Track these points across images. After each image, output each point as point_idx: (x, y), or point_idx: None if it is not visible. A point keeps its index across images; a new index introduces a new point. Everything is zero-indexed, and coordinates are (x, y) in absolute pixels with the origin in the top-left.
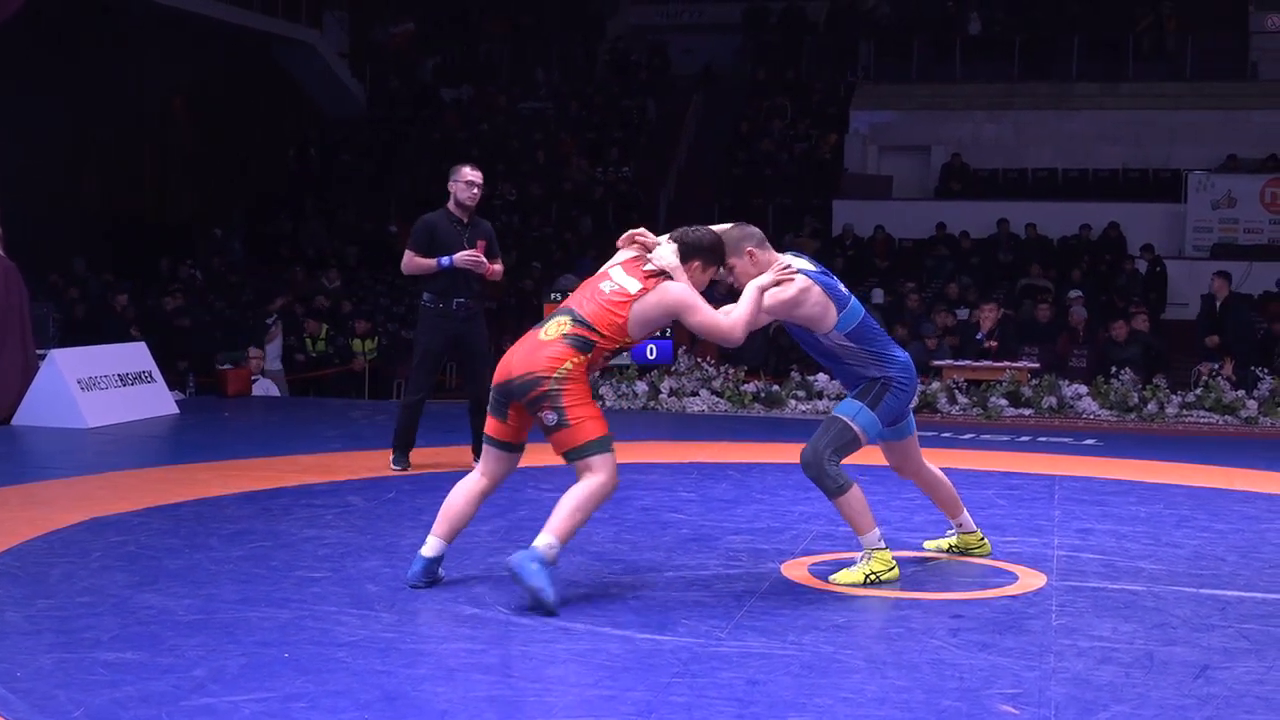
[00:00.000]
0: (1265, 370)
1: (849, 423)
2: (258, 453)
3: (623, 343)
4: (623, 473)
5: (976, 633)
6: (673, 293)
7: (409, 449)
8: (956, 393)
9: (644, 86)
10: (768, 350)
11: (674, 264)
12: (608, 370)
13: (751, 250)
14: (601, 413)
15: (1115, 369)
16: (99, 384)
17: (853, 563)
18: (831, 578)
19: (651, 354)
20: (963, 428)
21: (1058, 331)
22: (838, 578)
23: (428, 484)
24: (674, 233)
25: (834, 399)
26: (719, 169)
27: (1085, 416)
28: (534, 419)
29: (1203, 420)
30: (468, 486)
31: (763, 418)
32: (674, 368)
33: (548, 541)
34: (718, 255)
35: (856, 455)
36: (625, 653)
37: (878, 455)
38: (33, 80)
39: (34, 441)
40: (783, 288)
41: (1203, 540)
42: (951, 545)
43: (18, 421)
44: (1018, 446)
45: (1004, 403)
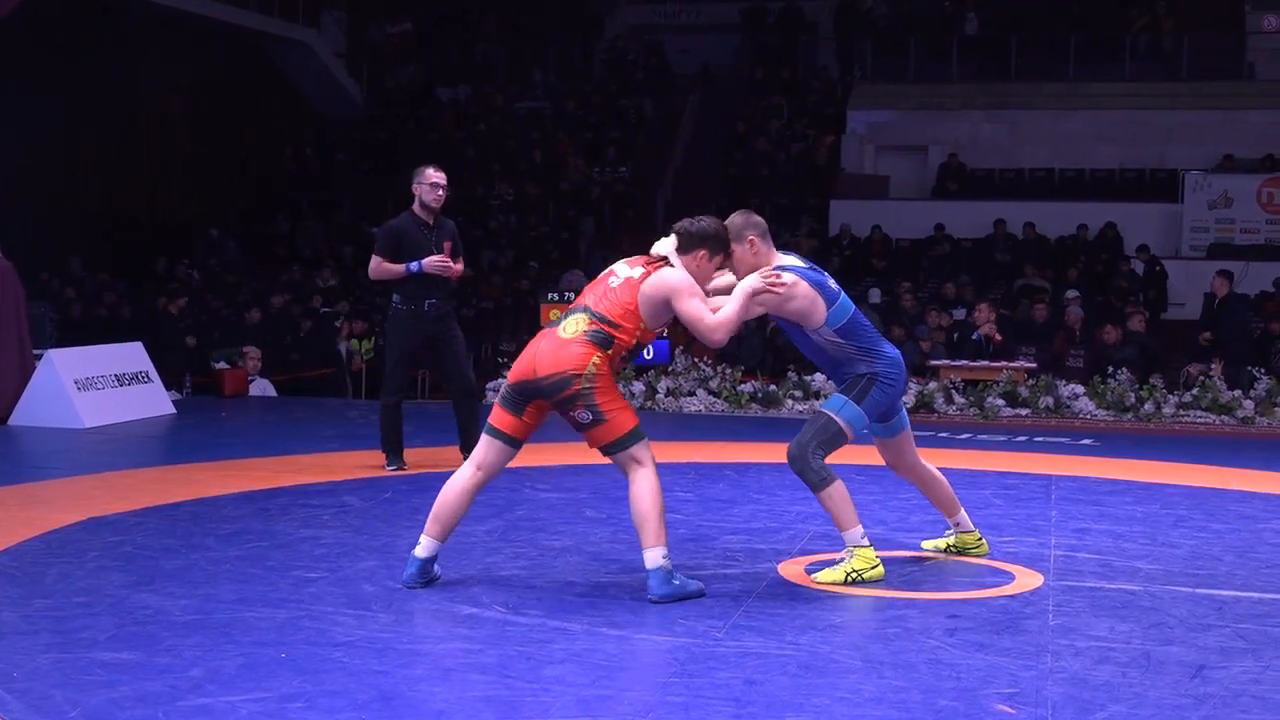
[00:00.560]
0: (1262, 370)
1: (833, 417)
2: (254, 453)
3: (639, 333)
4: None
5: (973, 632)
6: (669, 276)
7: (400, 449)
8: (953, 393)
9: (641, 86)
10: (764, 350)
11: (671, 251)
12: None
13: (753, 239)
14: (628, 401)
15: (1112, 369)
16: (95, 384)
17: (837, 562)
18: (813, 576)
19: (648, 354)
20: (960, 428)
21: (1054, 331)
22: (819, 576)
23: (424, 484)
24: (678, 224)
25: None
26: (716, 169)
27: (1082, 416)
28: (565, 417)
29: (1199, 420)
30: (461, 482)
31: (760, 418)
32: (671, 368)
33: (655, 557)
34: (722, 243)
35: (855, 456)
36: (622, 653)
37: (876, 455)
38: (30, 80)
39: (31, 441)
40: (775, 272)
41: (1199, 540)
42: (949, 545)
43: (14, 421)
44: (1015, 446)
45: (1001, 403)
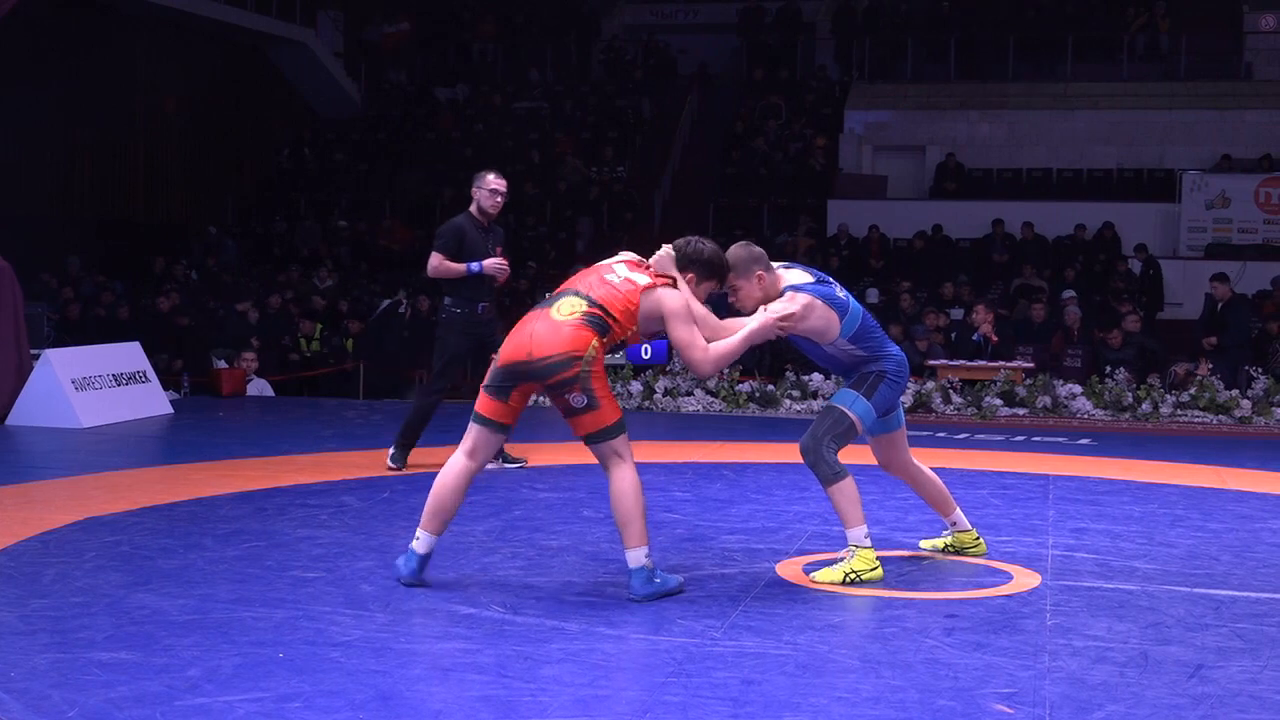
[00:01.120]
0: (1259, 370)
1: (846, 411)
2: (252, 453)
3: (628, 334)
4: None
5: (971, 632)
6: (670, 298)
7: (410, 449)
8: (951, 392)
9: (639, 86)
10: (763, 350)
11: (674, 272)
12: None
13: (761, 273)
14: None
15: (1110, 369)
16: (93, 384)
17: (837, 561)
18: (812, 575)
19: (646, 354)
20: (957, 427)
21: (1052, 331)
22: (818, 576)
23: (423, 484)
24: (677, 241)
25: (829, 398)
26: (714, 169)
27: (1080, 416)
28: (557, 401)
29: (1197, 420)
30: (454, 472)
31: (758, 417)
32: (669, 367)
33: (638, 557)
34: (715, 270)
35: (854, 456)
36: (620, 652)
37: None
38: (27, 80)
39: (28, 441)
40: (785, 307)
41: (1197, 540)
42: (947, 545)
43: (12, 421)
44: (1012, 446)
45: (999, 402)
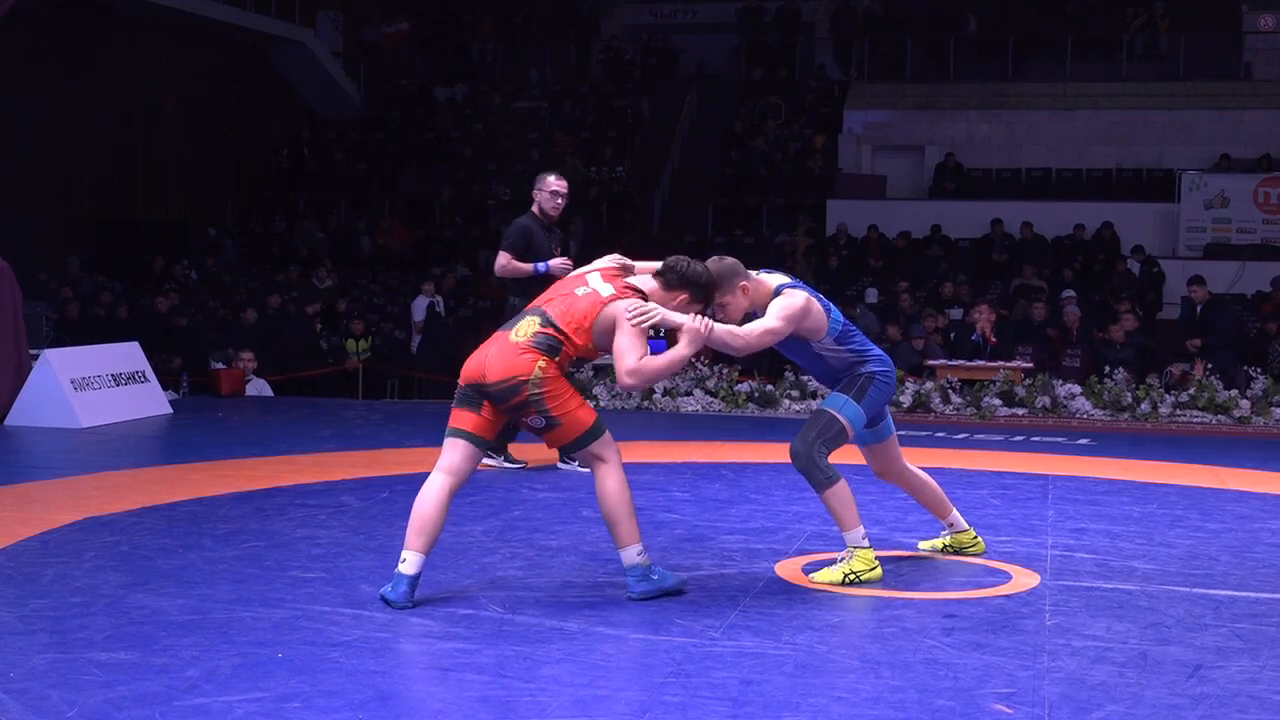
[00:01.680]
0: (1259, 370)
1: (835, 415)
2: (251, 453)
3: (584, 348)
4: None
5: (970, 632)
6: (622, 305)
7: (509, 441)
8: (950, 392)
9: (638, 86)
10: (762, 351)
11: (653, 287)
12: (601, 369)
13: (745, 285)
14: (583, 397)
15: (1109, 369)
16: (92, 384)
17: (835, 561)
18: (811, 575)
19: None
20: (956, 427)
21: (1047, 327)
22: (817, 576)
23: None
24: (667, 261)
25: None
26: (713, 168)
27: (1079, 416)
28: (519, 423)
29: (1196, 420)
30: (433, 491)
31: (757, 417)
32: None
33: (630, 555)
34: (708, 290)
35: (853, 456)
36: (619, 652)
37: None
38: (25, 80)
39: (27, 441)
40: (790, 301)
41: (1196, 540)
42: (945, 545)
43: (11, 422)
44: (1011, 446)
45: (998, 402)
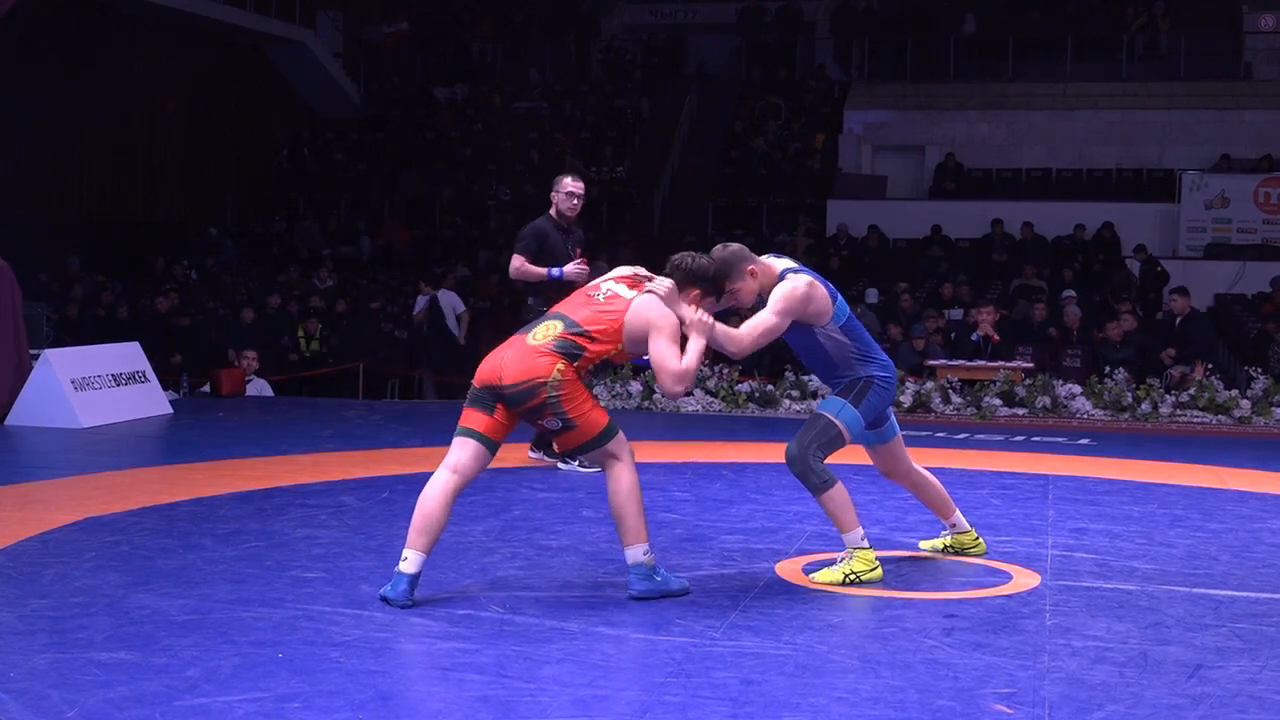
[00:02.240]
0: (1259, 370)
1: (833, 419)
2: (252, 453)
3: (613, 349)
4: None
5: (971, 632)
6: (652, 308)
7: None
8: (950, 392)
9: (638, 86)
10: (761, 350)
11: (671, 293)
12: (601, 370)
13: (752, 268)
14: (596, 399)
15: (1109, 369)
16: (93, 384)
17: (836, 562)
18: (812, 576)
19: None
20: (956, 427)
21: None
22: (818, 576)
23: (421, 484)
24: (674, 258)
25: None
26: (713, 169)
27: (1079, 416)
28: (534, 425)
29: (1196, 420)
30: (438, 489)
31: (757, 417)
32: None
33: (635, 554)
34: (717, 282)
35: (853, 456)
36: (619, 652)
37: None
38: (25, 80)
39: (28, 441)
40: (791, 285)
41: (1196, 540)
42: (946, 545)
43: (11, 421)
44: (1012, 446)
45: (998, 402)
